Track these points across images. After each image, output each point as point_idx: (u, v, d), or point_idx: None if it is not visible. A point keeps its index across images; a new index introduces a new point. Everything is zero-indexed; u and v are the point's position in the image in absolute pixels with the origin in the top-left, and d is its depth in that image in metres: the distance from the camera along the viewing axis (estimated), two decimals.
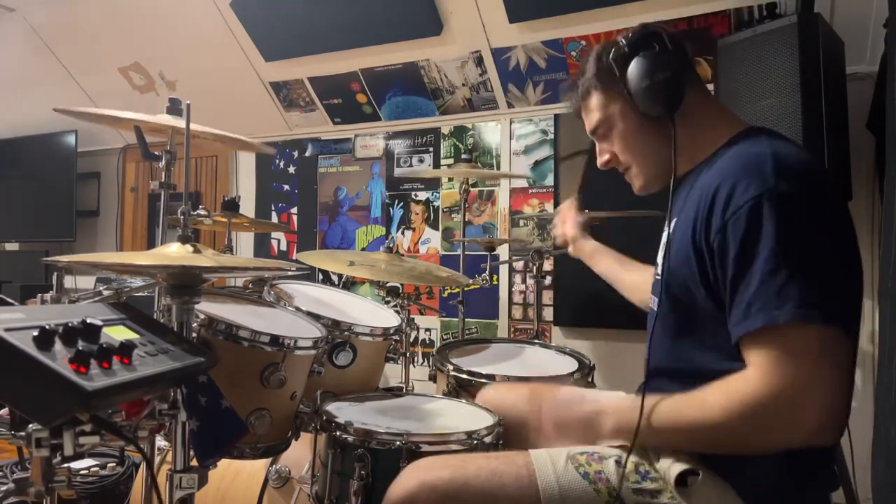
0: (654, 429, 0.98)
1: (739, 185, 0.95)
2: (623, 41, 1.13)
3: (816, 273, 0.89)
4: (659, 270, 1.15)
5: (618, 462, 1.03)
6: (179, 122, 1.63)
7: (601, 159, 1.25)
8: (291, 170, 3.48)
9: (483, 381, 1.66)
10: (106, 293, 1.61)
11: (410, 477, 1.05)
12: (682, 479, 0.99)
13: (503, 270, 2.88)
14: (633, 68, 1.09)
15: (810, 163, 1.00)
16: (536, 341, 2.17)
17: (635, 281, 1.54)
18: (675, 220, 1.12)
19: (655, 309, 1.13)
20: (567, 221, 1.69)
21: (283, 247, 3.52)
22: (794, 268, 0.88)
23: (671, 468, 1.00)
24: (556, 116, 2.77)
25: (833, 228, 0.95)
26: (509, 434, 1.36)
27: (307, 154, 3.44)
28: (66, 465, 0.85)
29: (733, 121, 1.15)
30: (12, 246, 4.22)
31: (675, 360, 1.09)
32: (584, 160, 1.69)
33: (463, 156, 2.47)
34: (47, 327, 0.75)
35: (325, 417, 1.36)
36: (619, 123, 1.17)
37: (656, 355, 1.12)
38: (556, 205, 2.77)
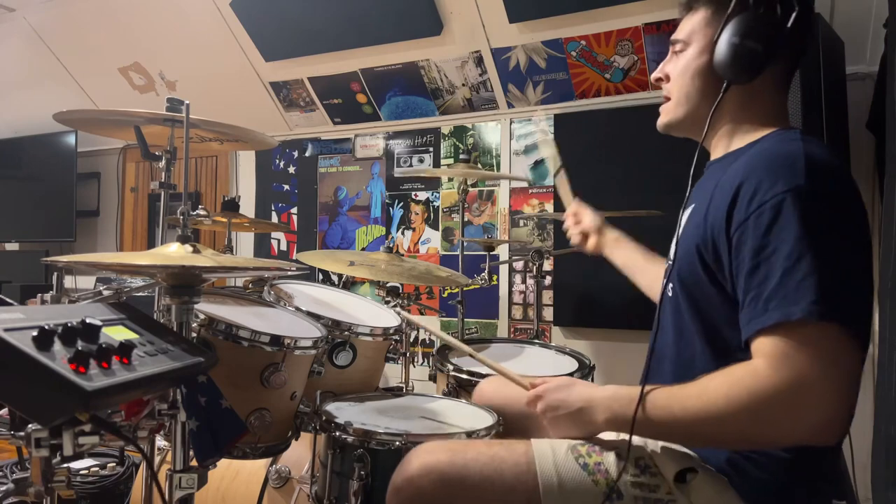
0: (650, 419, 0.95)
1: (766, 180, 0.93)
2: None
3: (837, 273, 0.87)
4: (671, 255, 1.13)
5: (619, 455, 1.02)
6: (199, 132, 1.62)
7: (655, 73, 1.20)
8: (291, 170, 3.48)
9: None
10: (106, 293, 1.61)
11: (413, 459, 1.06)
12: (680, 477, 0.99)
13: (503, 270, 2.88)
14: (736, 20, 1.02)
15: (842, 167, 0.98)
16: (536, 341, 2.17)
17: (660, 274, 1.42)
18: (692, 206, 1.09)
19: (669, 294, 1.10)
20: (584, 217, 1.57)
21: (283, 247, 3.52)
22: (815, 265, 0.86)
23: (668, 465, 1.00)
24: (556, 116, 2.77)
25: (857, 233, 0.94)
26: (509, 426, 1.36)
27: (307, 154, 3.44)
28: (65, 465, 0.85)
29: (782, 119, 1.11)
30: (12, 246, 4.21)
31: (678, 352, 1.08)
32: (564, 173, 1.65)
33: (461, 156, 2.46)
34: (47, 327, 0.75)
35: (324, 417, 1.36)
36: (692, 54, 1.12)
37: (662, 340, 1.10)
38: (555, 205, 2.77)
